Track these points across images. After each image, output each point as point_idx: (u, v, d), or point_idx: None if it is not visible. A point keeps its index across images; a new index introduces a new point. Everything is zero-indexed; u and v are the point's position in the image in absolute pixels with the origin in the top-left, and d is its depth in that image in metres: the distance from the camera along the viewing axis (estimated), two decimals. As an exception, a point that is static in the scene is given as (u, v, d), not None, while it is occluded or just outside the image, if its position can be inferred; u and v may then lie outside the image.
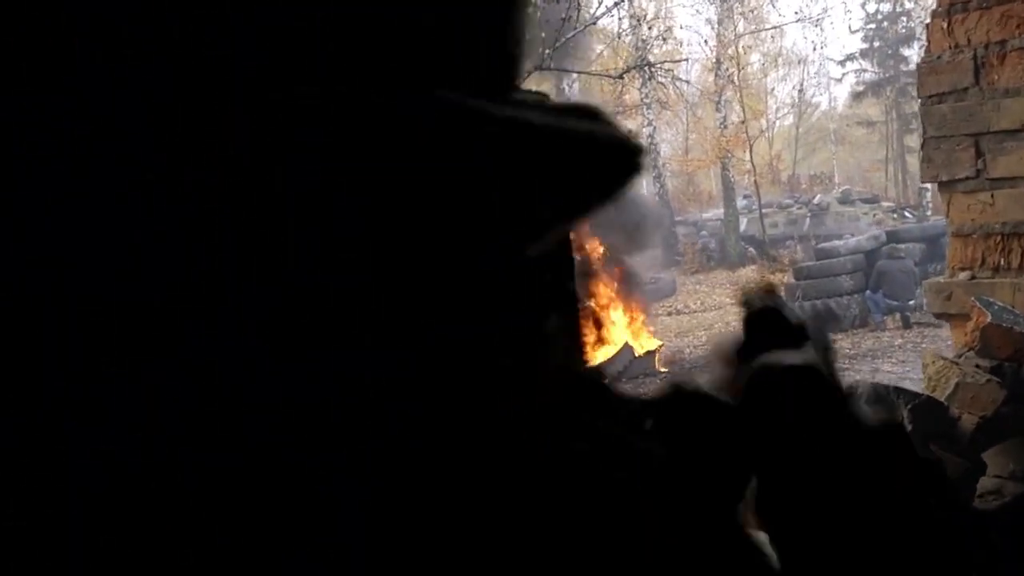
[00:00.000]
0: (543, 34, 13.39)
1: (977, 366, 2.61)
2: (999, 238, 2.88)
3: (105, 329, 0.50)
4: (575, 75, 15.02)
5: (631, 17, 19.75)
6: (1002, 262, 2.89)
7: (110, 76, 0.49)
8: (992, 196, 2.88)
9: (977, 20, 2.87)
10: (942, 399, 2.50)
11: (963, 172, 2.92)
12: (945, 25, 2.93)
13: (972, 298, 2.76)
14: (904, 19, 35.42)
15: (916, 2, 31.98)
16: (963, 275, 2.96)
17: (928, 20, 3.05)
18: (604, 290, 14.87)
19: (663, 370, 13.69)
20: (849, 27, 40.68)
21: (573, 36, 14.15)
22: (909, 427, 2.30)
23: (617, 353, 13.38)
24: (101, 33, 0.48)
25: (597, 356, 13.33)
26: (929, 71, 2.97)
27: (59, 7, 0.48)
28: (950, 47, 2.93)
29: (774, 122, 42.23)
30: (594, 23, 15.18)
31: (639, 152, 0.62)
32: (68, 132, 0.48)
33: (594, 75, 14.93)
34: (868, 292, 15.96)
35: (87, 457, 0.50)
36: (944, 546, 0.79)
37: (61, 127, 0.48)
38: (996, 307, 2.71)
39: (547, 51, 13.33)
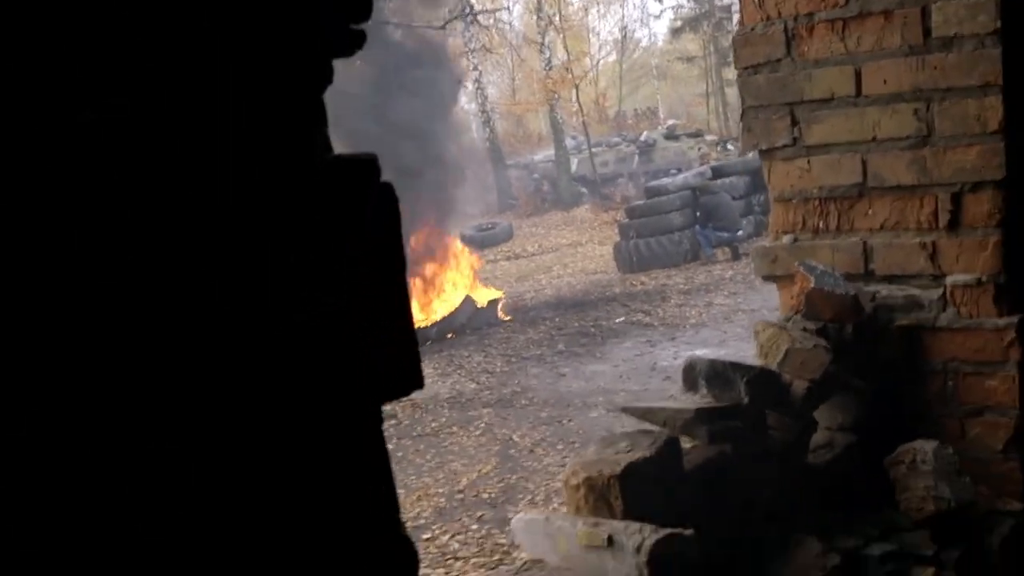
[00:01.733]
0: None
1: (804, 329, 2.74)
2: (817, 202, 3.02)
3: None
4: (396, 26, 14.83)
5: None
6: (821, 224, 3.02)
7: None
8: (808, 162, 3.00)
9: (786, -8, 2.96)
10: (774, 365, 2.62)
11: (781, 140, 3.03)
12: (756, -3, 3.01)
13: (796, 263, 2.89)
14: (716, -46, 36.18)
15: (726, -63, 32.71)
16: (786, 238, 3.09)
17: (740, -9, 3.13)
18: (433, 247, 14.86)
19: (506, 318, 13.84)
20: (664, -37, 41.16)
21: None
22: (746, 399, 2.40)
23: (459, 307, 13.45)
24: None
25: (437, 313, 13.39)
26: (744, 43, 3.06)
27: None
28: (762, 19, 3.02)
29: (598, 61, 42.71)
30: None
31: None
32: None
33: (414, 27, 14.75)
34: (697, 227, 16.48)
35: None
36: None
37: None
38: (819, 271, 2.84)
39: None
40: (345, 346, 0.96)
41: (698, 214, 16.66)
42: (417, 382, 1.05)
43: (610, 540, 1.96)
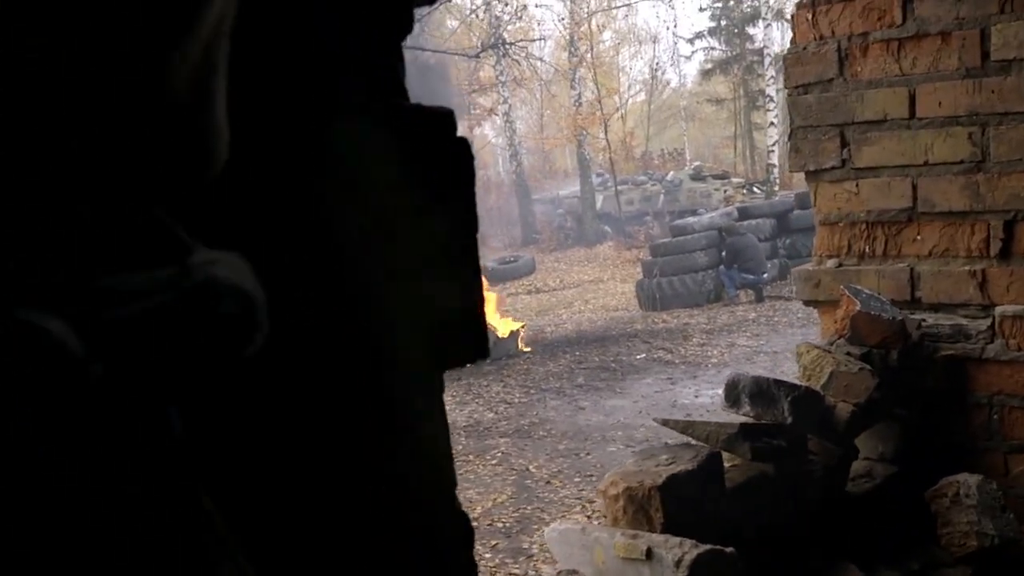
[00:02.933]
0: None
1: (848, 354, 2.67)
2: (864, 226, 2.95)
3: None
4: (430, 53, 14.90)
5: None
6: (867, 249, 2.96)
7: None
8: (857, 185, 2.94)
9: (840, 12, 2.91)
10: (817, 387, 2.55)
11: (829, 162, 2.97)
12: (809, 16, 2.97)
13: (842, 286, 2.82)
14: (749, -1, 36.28)
15: (760, -18, 32.79)
16: (830, 263, 3.02)
17: (792, 9, 3.09)
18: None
19: (526, 349, 13.76)
20: (700, 6, 41.28)
21: (428, 14, 14.01)
22: (789, 419, 2.33)
23: (481, 335, 13.38)
24: None
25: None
26: (795, 62, 3.01)
27: None
28: (814, 38, 2.97)
29: (627, 99, 42.87)
30: (449, 0, 15.08)
31: None
32: None
33: (449, 54, 14.82)
34: (722, 268, 16.38)
35: None
36: None
37: None
38: (864, 295, 2.77)
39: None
40: (413, 309, 0.91)
41: (723, 254, 16.57)
42: (482, 351, 0.99)
43: (649, 553, 1.89)
